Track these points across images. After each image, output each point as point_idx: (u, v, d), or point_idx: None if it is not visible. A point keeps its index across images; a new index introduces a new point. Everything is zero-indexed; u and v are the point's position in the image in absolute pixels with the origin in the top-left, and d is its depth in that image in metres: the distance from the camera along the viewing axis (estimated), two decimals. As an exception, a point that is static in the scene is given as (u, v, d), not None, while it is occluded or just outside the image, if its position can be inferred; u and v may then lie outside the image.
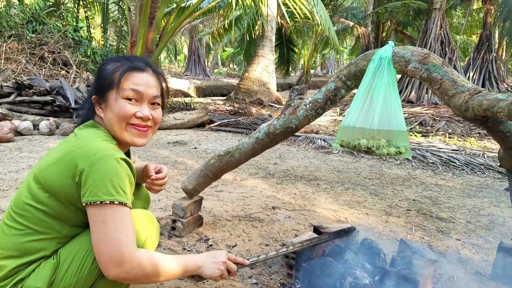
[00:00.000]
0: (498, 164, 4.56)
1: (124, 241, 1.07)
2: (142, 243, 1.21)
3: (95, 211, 1.07)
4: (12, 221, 1.16)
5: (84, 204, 1.09)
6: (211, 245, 2.25)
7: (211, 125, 6.94)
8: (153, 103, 1.29)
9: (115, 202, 1.07)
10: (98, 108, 1.27)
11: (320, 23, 8.35)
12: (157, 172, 1.52)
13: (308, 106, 1.90)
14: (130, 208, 1.12)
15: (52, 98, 6.40)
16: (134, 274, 1.08)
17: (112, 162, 1.09)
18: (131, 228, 1.10)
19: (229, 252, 1.51)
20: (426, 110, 8.82)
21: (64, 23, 10.58)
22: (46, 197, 1.14)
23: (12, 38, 8.55)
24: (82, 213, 1.16)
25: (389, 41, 1.68)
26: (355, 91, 1.82)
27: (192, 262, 1.23)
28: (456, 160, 4.84)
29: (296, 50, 17.43)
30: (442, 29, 10.53)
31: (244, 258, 1.42)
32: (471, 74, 12.24)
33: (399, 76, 10.21)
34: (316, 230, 2.17)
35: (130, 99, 1.24)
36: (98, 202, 1.06)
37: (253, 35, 11.18)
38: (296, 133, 5.76)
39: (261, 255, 1.56)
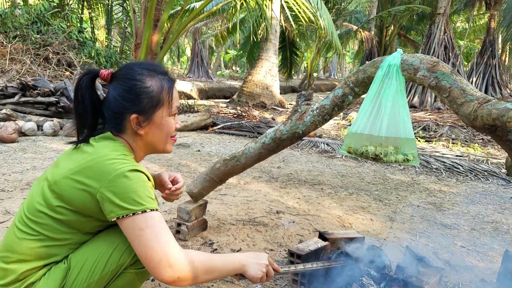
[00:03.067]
0: (506, 173, 4.55)
1: (167, 242, 1.07)
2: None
3: (130, 222, 1.07)
4: (25, 226, 1.15)
5: (113, 220, 1.09)
6: (216, 249, 2.25)
7: (214, 127, 6.94)
8: None
9: (147, 211, 1.08)
10: (137, 127, 1.23)
11: (323, 27, 8.36)
12: (173, 182, 1.51)
13: (315, 112, 1.91)
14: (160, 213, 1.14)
15: (56, 99, 6.43)
16: (187, 272, 1.07)
17: (131, 175, 1.10)
18: (169, 230, 1.10)
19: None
20: (429, 115, 8.81)
21: (68, 24, 10.62)
22: (61, 207, 1.13)
23: (17, 38, 8.60)
24: (98, 222, 1.16)
25: (397, 48, 1.68)
26: (362, 96, 1.82)
27: (237, 260, 1.22)
28: (460, 166, 4.84)
29: (299, 53, 17.45)
30: (445, 34, 10.54)
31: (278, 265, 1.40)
32: (474, 79, 12.24)
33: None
34: (321, 236, 2.17)
35: (173, 115, 1.29)
36: (131, 214, 1.06)
37: (258, 38, 11.20)
38: (300, 137, 5.75)
39: (291, 266, 1.56)
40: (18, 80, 6.74)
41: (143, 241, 1.06)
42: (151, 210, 1.08)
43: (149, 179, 1.17)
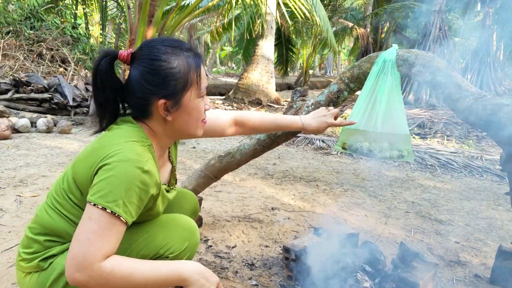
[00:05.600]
0: (500, 168, 4.58)
1: (95, 246, 0.97)
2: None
3: (95, 210, 0.98)
4: (52, 204, 1.16)
5: (87, 200, 1.01)
6: (211, 246, 2.24)
7: (210, 124, 6.91)
8: None
9: (107, 210, 0.97)
10: (166, 113, 1.12)
11: (319, 24, 8.35)
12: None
13: (310, 108, 1.90)
14: (126, 223, 1.02)
15: (50, 96, 6.37)
16: (94, 283, 0.98)
17: (127, 169, 1.00)
18: (112, 241, 1.00)
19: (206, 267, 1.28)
20: (424, 112, 8.83)
21: (62, 20, 10.53)
22: (75, 187, 1.11)
23: (10, 34, 8.52)
24: None
25: (393, 44, 1.67)
26: (357, 93, 1.81)
27: (176, 271, 1.08)
28: (454, 163, 4.86)
29: (295, 50, 17.42)
30: (441, 31, 10.56)
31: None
32: (469, 76, 12.28)
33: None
34: (316, 232, 2.17)
35: (202, 96, 1.18)
36: (92, 204, 0.98)
37: (253, 34, 11.16)
38: (295, 134, 5.73)
39: None
40: (11, 76, 6.68)
41: (80, 230, 0.99)
42: (112, 212, 0.98)
43: (153, 180, 1.06)
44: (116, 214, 0.98)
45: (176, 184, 1.41)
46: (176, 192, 1.36)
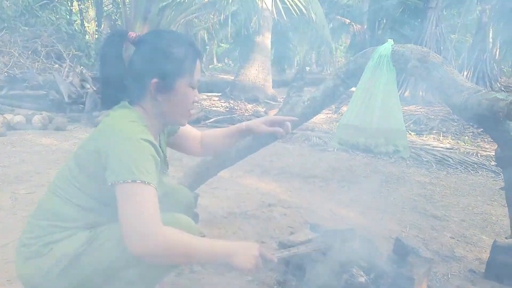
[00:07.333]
0: (495, 163, 4.60)
1: (147, 214, 1.04)
2: None
3: (120, 189, 1.07)
4: (55, 191, 1.23)
5: (109, 184, 1.08)
6: (207, 242, 2.24)
7: (207, 121, 6.90)
8: None
9: (137, 181, 1.06)
10: (157, 93, 1.22)
11: (315, 20, 8.34)
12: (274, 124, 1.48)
13: (306, 103, 1.89)
14: (155, 188, 1.10)
15: (45, 92, 6.33)
16: (160, 251, 1.04)
17: (134, 143, 1.10)
18: (156, 206, 1.08)
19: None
20: (420, 108, 8.85)
21: (57, 16, 10.45)
22: (79, 173, 1.19)
23: (4, 30, 8.44)
24: (110, 190, 1.14)
25: (388, 39, 1.67)
26: (353, 88, 1.81)
27: (223, 248, 1.17)
28: (450, 159, 4.87)
29: (292, 47, 17.39)
30: (437, 28, 10.57)
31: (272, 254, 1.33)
32: (465, 73, 12.29)
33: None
34: (312, 228, 2.17)
35: (193, 88, 1.27)
36: (121, 182, 1.05)
37: (250, 30, 11.13)
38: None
39: (285, 251, 1.54)
40: (6, 73, 6.63)
41: (124, 209, 1.05)
42: (141, 181, 1.06)
43: (157, 151, 1.16)
44: (147, 182, 1.07)
45: (168, 169, 1.44)
46: (169, 177, 1.43)
